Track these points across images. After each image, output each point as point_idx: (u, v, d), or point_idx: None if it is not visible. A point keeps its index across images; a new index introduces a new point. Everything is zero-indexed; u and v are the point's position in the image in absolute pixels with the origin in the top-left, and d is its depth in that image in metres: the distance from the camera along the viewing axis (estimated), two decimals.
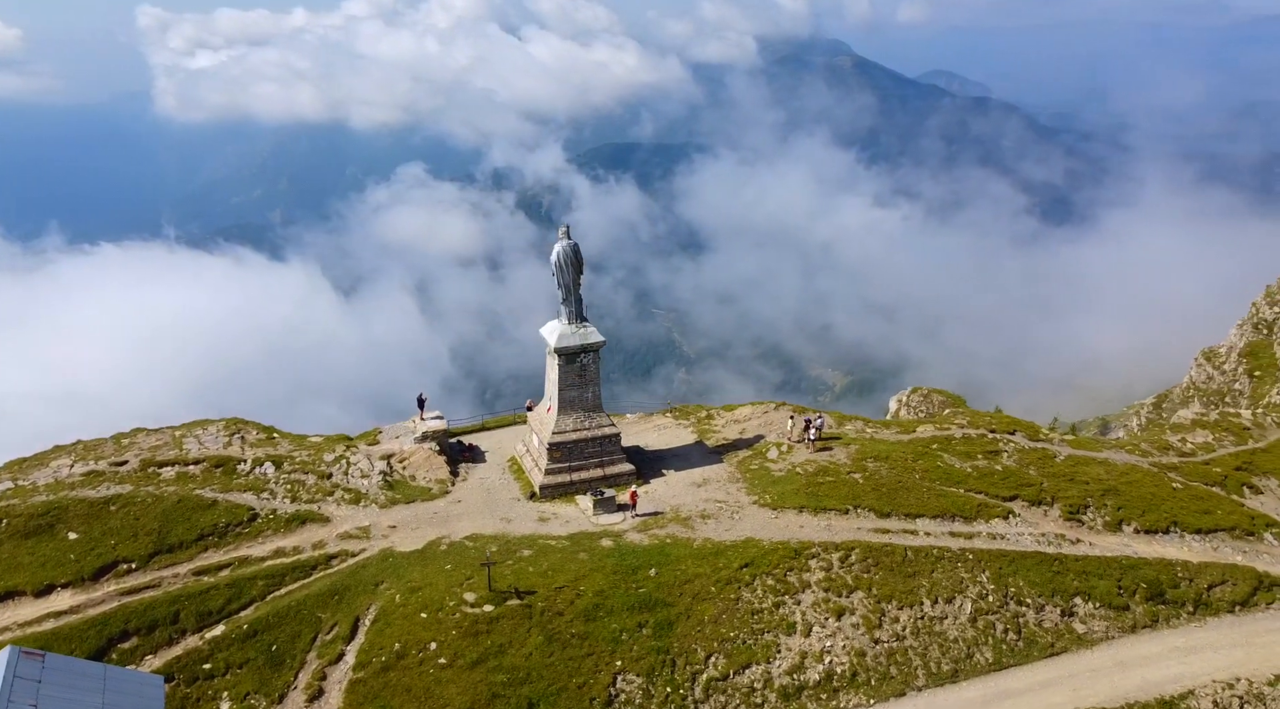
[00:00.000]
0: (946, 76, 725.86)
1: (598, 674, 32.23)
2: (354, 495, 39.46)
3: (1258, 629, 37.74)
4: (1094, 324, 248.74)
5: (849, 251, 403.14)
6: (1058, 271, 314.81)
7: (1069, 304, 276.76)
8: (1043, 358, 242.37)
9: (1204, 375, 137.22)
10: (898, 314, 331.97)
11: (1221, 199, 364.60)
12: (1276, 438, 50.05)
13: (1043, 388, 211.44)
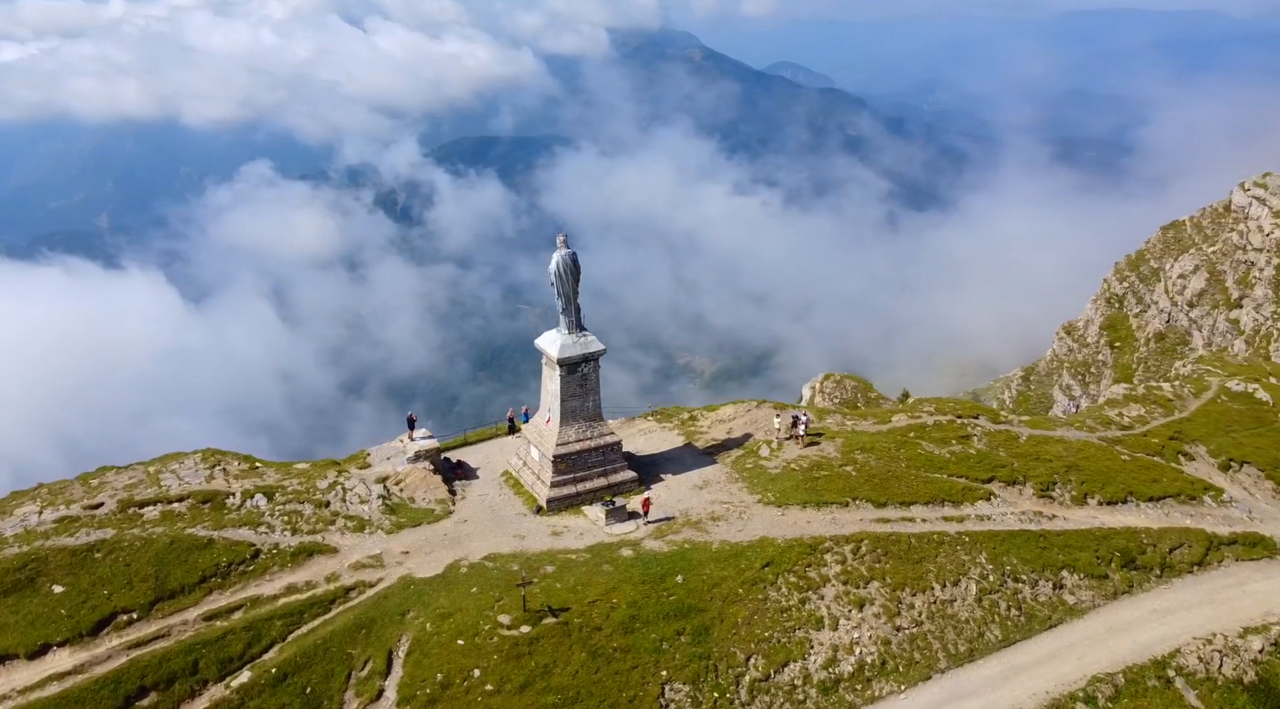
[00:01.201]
0: (793, 68, 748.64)
1: (646, 686, 32.33)
2: (357, 523, 37.99)
3: (1216, 586, 41.31)
4: (960, 301, 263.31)
5: (714, 240, 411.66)
6: (922, 254, 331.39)
7: (935, 283, 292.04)
8: (912, 335, 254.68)
9: (1065, 348, 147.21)
10: (767, 299, 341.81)
11: (1070, 179, 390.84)
12: (1196, 407, 54.71)
13: (914, 363, 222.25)
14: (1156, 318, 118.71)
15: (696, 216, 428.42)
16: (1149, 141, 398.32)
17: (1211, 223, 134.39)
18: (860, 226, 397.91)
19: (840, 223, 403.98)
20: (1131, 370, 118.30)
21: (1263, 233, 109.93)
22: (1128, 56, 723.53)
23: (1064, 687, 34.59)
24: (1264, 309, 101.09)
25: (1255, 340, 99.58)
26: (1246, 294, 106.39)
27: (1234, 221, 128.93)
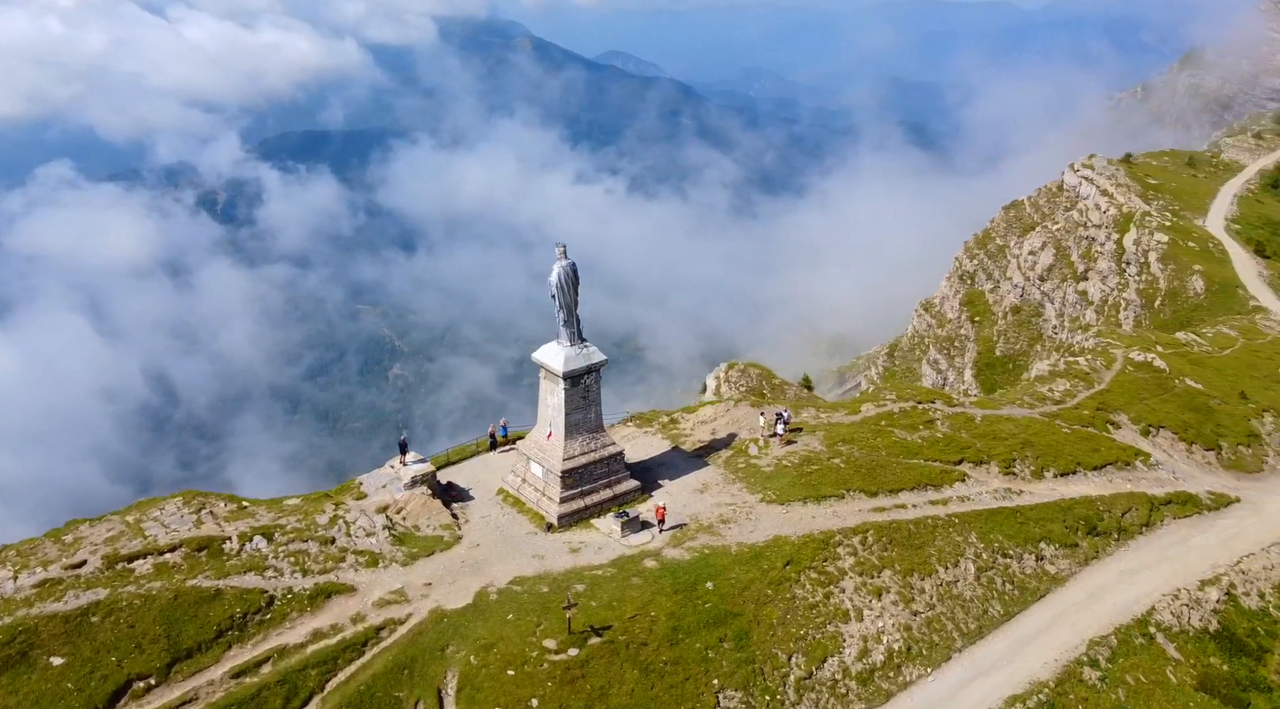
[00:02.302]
0: (623, 57, 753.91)
1: (701, 697, 32.51)
2: (369, 557, 36.16)
3: (1165, 545, 45.23)
4: (820, 281, 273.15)
5: (562, 229, 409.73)
6: (779, 237, 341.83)
7: (794, 265, 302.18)
8: (776, 315, 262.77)
9: (924, 324, 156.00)
10: (623, 286, 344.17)
11: (910, 161, 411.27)
12: (1110, 378, 59.42)
13: (780, 343, 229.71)
14: (1011, 292, 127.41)
15: (541, 207, 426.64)
16: (974, 123, 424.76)
17: (1048, 202, 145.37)
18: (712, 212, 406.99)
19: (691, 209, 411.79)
20: (993, 343, 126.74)
21: (1100, 211, 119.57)
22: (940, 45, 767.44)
23: (1068, 653, 37.11)
24: (1109, 280, 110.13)
25: (1104, 309, 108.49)
26: (1091, 267, 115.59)
27: (1067, 201, 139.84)
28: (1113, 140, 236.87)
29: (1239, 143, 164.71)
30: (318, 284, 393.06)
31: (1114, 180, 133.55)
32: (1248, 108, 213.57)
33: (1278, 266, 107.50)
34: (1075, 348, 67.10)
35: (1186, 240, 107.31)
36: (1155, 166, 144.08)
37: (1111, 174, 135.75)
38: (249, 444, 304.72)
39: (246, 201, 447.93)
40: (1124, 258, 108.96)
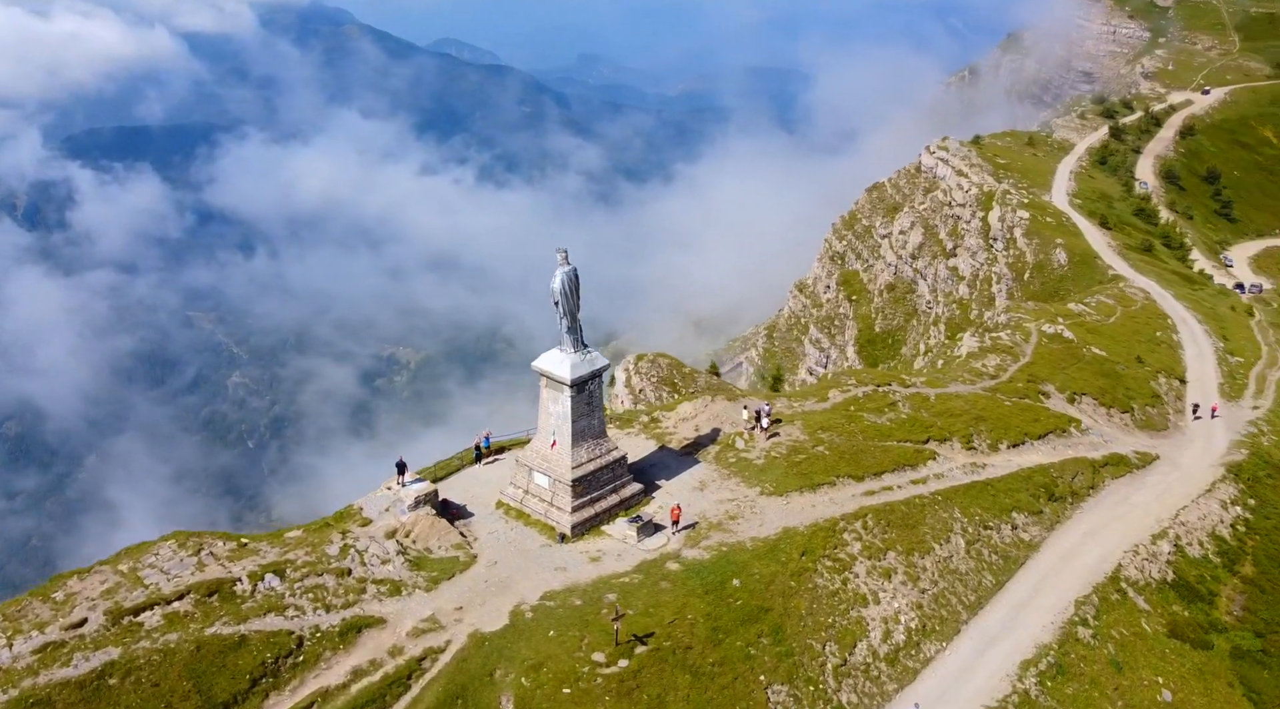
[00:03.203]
0: (456, 44, 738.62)
1: (753, 695, 32.91)
2: (391, 586, 34.48)
3: (1111, 504, 48.85)
4: (692, 265, 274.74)
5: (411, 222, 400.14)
6: (648, 223, 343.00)
7: (665, 250, 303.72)
8: (650, 301, 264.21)
9: (800, 305, 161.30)
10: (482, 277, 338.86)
11: (766, 144, 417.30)
12: (1031, 351, 63.34)
13: (656, 328, 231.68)
14: (885, 271, 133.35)
15: (387, 200, 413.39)
16: (824, 105, 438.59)
17: (908, 183, 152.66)
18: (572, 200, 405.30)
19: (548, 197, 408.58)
20: (871, 320, 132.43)
21: (963, 191, 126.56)
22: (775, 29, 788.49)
23: (1060, 615, 39.67)
24: (978, 256, 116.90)
25: (976, 284, 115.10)
26: (959, 244, 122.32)
27: (926, 182, 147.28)
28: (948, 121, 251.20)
29: (1067, 123, 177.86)
30: (146, 291, 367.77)
31: (967, 161, 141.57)
32: (1064, 90, 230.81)
33: (1121, 237, 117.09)
34: (990, 324, 71.13)
35: (1044, 216, 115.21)
36: (1000, 147, 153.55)
37: (965, 155, 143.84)
38: (100, 464, 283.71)
39: (56, 205, 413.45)
40: (990, 234, 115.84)
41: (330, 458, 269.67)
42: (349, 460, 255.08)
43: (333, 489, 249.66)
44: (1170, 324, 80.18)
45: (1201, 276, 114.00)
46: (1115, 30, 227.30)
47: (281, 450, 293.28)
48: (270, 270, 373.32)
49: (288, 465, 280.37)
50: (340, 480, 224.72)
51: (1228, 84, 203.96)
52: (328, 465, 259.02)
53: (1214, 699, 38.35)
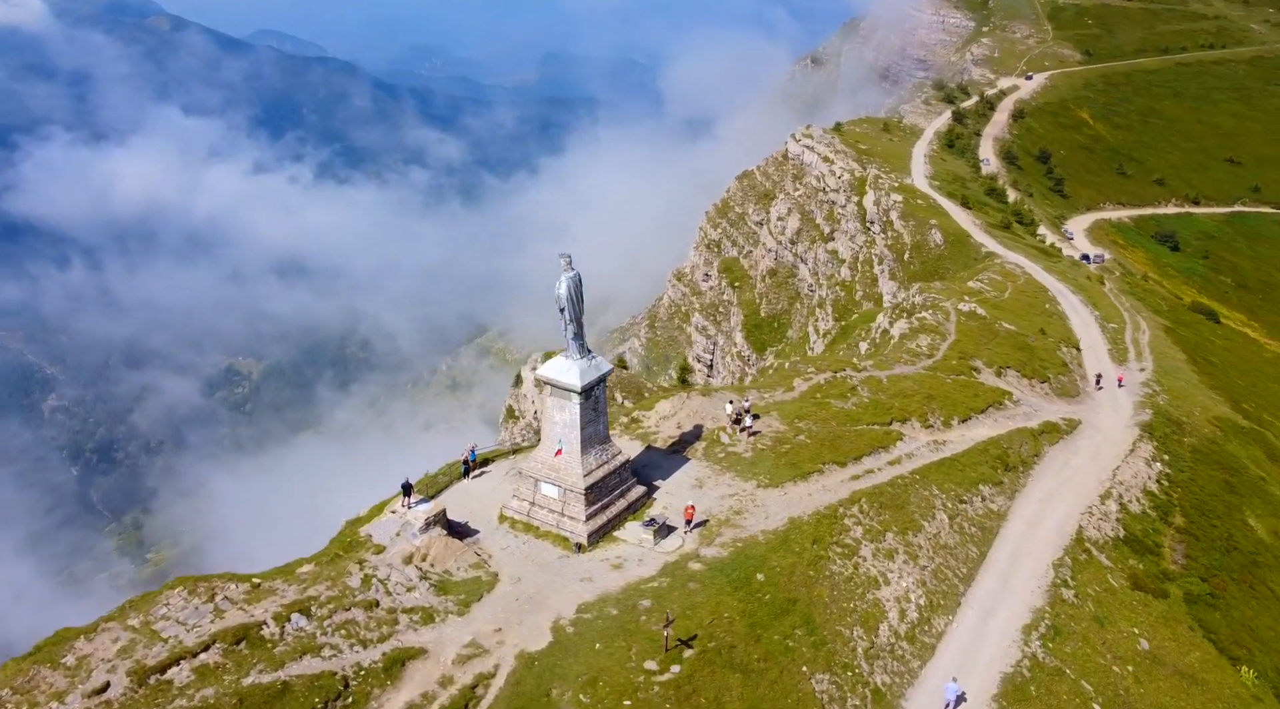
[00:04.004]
0: (277, 36, 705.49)
1: (800, 687, 33.43)
2: (423, 614, 32.93)
3: (1056, 470, 52.04)
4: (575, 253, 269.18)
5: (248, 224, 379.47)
6: (516, 215, 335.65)
7: (536, 242, 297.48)
8: (526, 294, 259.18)
9: (679, 293, 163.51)
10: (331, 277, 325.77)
11: (640, 133, 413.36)
12: (954, 328, 66.54)
13: (527, 319, 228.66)
14: (765, 257, 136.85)
15: (218, 202, 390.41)
16: (678, 91, 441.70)
17: (776, 170, 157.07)
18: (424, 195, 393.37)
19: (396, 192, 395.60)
20: (756, 305, 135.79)
21: (835, 176, 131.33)
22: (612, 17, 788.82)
23: (1043, 579, 42.13)
24: (857, 239, 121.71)
25: (857, 266, 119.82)
26: (836, 228, 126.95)
27: (794, 168, 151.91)
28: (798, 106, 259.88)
29: (914, 109, 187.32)
30: None
31: (832, 147, 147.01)
32: (902, 77, 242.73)
33: (983, 216, 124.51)
34: (907, 304, 74.22)
35: (915, 198, 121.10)
36: (859, 132, 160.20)
37: (829, 142, 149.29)
38: None
39: None
40: (867, 218, 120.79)
41: (195, 475, 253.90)
42: (217, 476, 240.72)
43: (195, 506, 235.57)
44: (1051, 296, 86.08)
45: (1054, 250, 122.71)
46: (944, 20, 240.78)
47: (133, 471, 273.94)
48: (91, 282, 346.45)
49: (143, 486, 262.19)
50: (213, 497, 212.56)
51: (1046, 70, 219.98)
52: (193, 481, 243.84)
53: (1181, 643, 41.68)
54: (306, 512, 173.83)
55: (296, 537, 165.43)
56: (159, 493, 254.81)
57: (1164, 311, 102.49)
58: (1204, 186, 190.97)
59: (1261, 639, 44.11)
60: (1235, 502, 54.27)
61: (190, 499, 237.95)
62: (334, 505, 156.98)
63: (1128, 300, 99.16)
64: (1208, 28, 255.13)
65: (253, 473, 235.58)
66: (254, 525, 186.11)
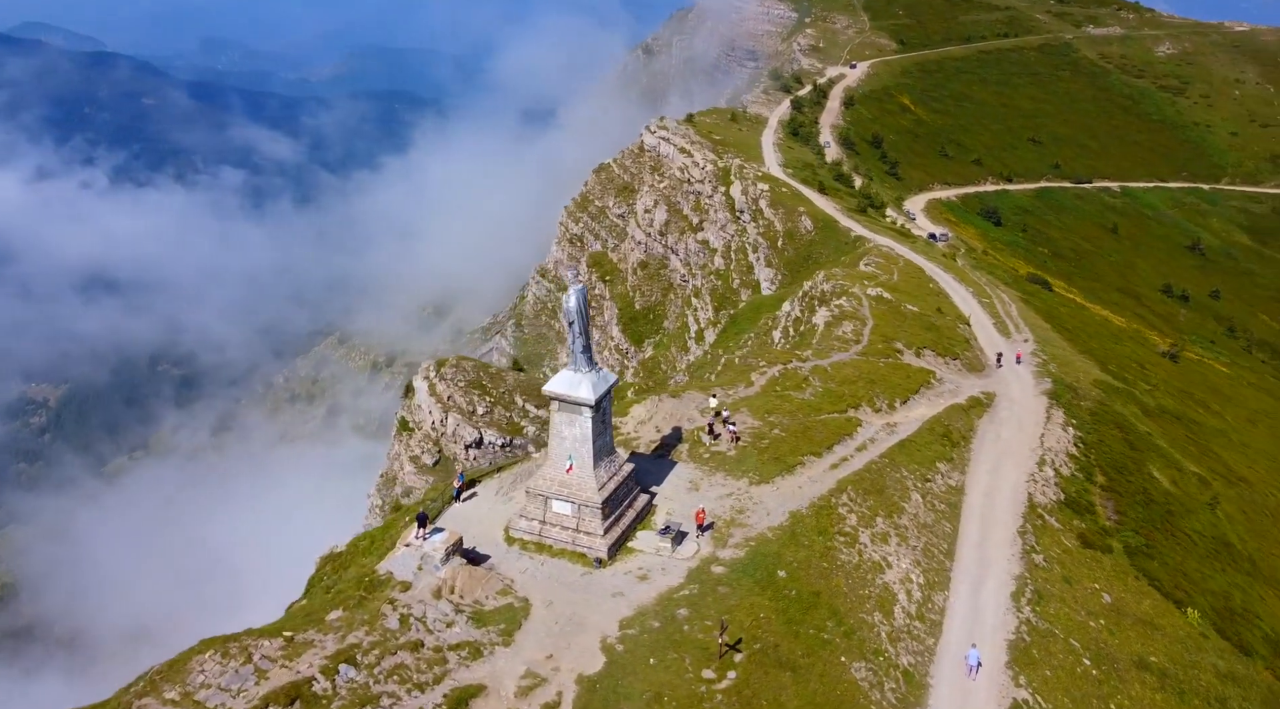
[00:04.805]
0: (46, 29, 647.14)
1: (843, 678, 34.24)
2: (470, 649, 31.44)
3: (991, 442, 55.15)
4: (418, 255, 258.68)
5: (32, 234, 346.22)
6: (362, 214, 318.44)
7: (385, 241, 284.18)
8: (375, 293, 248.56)
9: (543, 290, 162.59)
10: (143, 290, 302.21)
11: (479, 125, 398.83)
12: (869, 313, 69.23)
13: (382, 320, 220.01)
14: (635, 249, 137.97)
15: None
16: (511, 82, 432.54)
17: (634, 162, 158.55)
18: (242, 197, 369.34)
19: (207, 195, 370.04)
20: (630, 298, 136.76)
21: (699, 167, 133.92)
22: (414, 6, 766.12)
23: (1014, 547, 44.81)
24: (727, 228, 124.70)
25: (729, 254, 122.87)
26: (705, 218, 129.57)
27: (652, 160, 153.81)
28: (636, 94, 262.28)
29: (756, 99, 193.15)
30: None
31: (688, 138, 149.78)
32: (733, 67, 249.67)
33: (839, 201, 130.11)
34: (816, 291, 76.51)
35: (780, 187, 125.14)
36: (711, 123, 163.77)
37: (684, 133, 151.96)
38: None
39: None
40: (736, 207, 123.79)
41: None
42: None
43: None
44: (929, 276, 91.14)
45: (908, 232, 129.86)
46: (769, 11, 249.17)
47: None
48: None
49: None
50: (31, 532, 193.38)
51: (868, 59, 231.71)
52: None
53: (1133, 593, 45.37)
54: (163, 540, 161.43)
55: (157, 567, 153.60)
56: None
57: (1011, 284, 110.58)
58: (1014, 165, 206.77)
59: (1194, 581, 48.66)
60: (1138, 457, 59.44)
61: None
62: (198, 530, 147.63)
63: (981, 276, 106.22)
64: (1001, 18, 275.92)
65: (76, 504, 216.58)
66: (92, 560, 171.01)
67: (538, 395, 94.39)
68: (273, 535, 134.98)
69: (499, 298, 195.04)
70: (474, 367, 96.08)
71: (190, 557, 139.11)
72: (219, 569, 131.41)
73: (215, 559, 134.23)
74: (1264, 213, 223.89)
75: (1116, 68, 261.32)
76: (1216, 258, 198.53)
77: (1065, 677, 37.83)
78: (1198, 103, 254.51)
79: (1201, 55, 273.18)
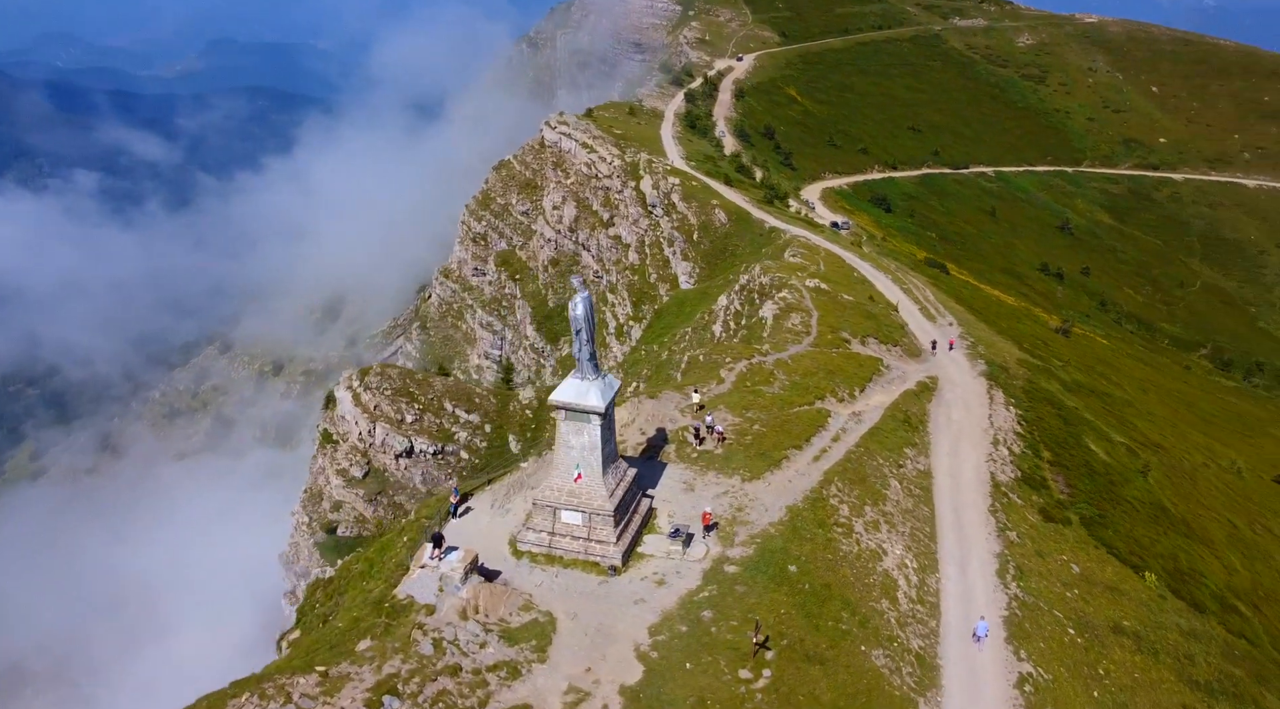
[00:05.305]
0: None
1: (866, 667, 34.99)
2: (509, 669, 30.58)
3: (945, 424, 57.12)
4: (311, 256, 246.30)
5: None
6: (241, 217, 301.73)
7: (271, 244, 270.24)
8: (265, 298, 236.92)
9: (448, 291, 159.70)
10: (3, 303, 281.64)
11: (361, 120, 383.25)
12: (812, 304, 70.46)
13: (275, 325, 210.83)
14: (545, 247, 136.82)
15: None
16: (392, 75, 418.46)
17: (535, 158, 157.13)
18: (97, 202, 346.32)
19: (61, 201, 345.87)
20: (542, 296, 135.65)
21: (606, 162, 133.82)
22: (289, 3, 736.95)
23: (989, 525, 46.66)
24: (640, 223, 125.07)
25: (644, 249, 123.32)
26: (616, 214, 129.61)
27: (553, 156, 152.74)
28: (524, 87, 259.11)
29: (650, 92, 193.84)
30: None
31: (589, 133, 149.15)
32: (620, 59, 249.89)
33: (747, 193, 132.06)
34: (754, 285, 77.32)
35: (690, 181, 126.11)
36: (609, 117, 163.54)
37: (585, 128, 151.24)
38: None
39: None
40: (648, 202, 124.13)
41: None
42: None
43: None
44: (850, 265, 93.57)
45: (814, 222, 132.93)
46: (653, 4, 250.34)
47: None
48: None
49: None
50: None
51: (753, 51, 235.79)
52: None
53: (1095, 561, 47.82)
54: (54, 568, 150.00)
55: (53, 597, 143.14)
56: None
57: (914, 269, 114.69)
58: (898, 153, 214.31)
59: (1144, 546, 51.60)
60: (1074, 431, 62.57)
61: None
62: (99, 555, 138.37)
63: (891, 262, 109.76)
64: (875, 10, 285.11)
65: None
66: None
67: (468, 400, 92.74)
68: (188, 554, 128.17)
69: (397, 299, 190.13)
70: (400, 374, 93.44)
71: (94, 583, 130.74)
72: (131, 594, 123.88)
73: (125, 584, 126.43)
74: (1121, 193, 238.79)
75: (982, 58, 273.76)
76: (1084, 236, 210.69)
77: (1056, 647, 39.65)
78: (1057, 90, 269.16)
79: (1057, 45, 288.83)
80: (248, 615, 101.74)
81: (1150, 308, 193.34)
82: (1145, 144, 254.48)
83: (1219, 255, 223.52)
